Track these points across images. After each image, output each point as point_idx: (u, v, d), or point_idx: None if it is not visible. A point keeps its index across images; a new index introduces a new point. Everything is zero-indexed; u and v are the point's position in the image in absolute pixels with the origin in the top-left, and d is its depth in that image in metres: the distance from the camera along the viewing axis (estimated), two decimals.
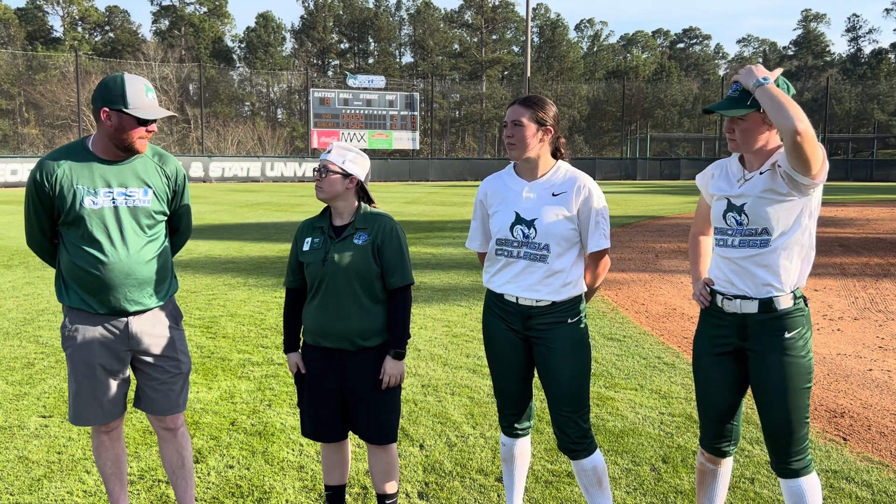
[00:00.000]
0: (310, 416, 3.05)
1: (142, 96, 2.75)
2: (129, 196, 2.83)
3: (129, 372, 2.99)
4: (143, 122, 2.78)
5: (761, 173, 2.58)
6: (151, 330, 2.93)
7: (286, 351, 3.11)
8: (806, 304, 2.67)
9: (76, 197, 2.76)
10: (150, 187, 2.88)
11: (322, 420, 3.03)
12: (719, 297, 2.72)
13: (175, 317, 3.06)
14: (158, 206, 2.91)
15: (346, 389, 2.98)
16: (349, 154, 2.97)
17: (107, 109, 2.74)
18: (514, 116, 2.86)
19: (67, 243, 2.82)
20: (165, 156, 3.00)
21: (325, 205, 3.04)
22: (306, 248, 2.99)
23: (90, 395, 2.89)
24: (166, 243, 3.01)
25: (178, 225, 3.13)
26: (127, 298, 2.84)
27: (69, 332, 2.88)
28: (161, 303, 2.96)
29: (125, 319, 2.88)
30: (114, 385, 2.92)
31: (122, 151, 2.84)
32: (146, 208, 2.86)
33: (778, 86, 2.52)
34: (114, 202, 2.80)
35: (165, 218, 2.99)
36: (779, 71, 2.55)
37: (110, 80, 2.78)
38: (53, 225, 2.86)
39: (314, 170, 2.99)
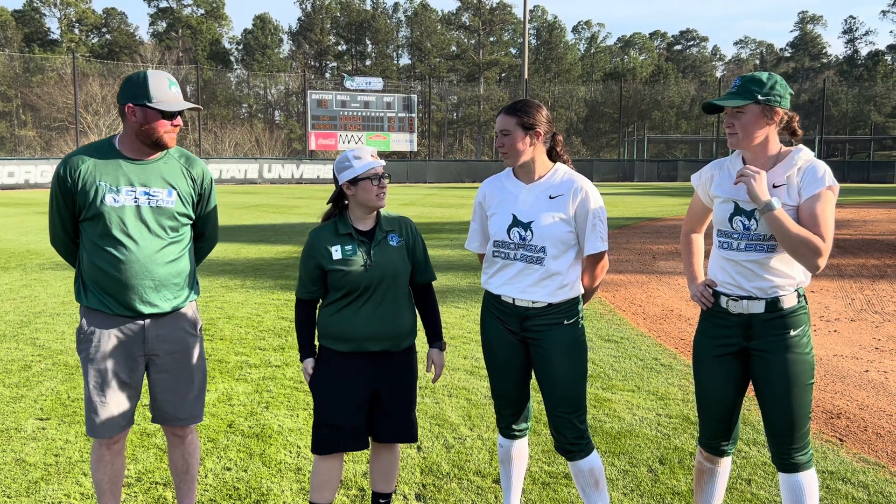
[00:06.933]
0: (334, 426, 2.91)
1: (165, 90, 2.76)
2: (152, 196, 2.81)
3: (140, 383, 2.93)
4: (168, 116, 2.77)
5: (776, 186, 2.59)
6: (168, 335, 2.88)
7: (303, 358, 3.01)
8: (806, 302, 2.70)
9: (97, 193, 2.74)
10: (174, 189, 2.85)
11: (348, 430, 2.91)
12: (724, 299, 2.73)
13: (194, 323, 3.00)
14: (182, 208, 2.88)
15: (382, 391, 2.95)
16: (376, 153, 2.99)
17: (131, 105, 2.74)
18: (502, 126, 2.88)
19: (87, 242, 2.80)
20: (192, 158, 2.98)
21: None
22: (338, 255, 2.88)
23: (102, 403, 2.83)
24: (189, 248, 2.96)
25: (204, 230, 3.09)
26: (143, 300, 2.79)
27: (84, 335, 2.83)
28: (179, 307, 2.92)
29: (141, 322, 2.84)
30: (125, 395, 2.86)
31: (150, 147, 2.82)
32: (169, 209, 2.83)
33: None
34: (136, 201, 2.78)
35: (190, 221, 2.95)
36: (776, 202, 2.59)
37: (134, 76, 2.78)
38: (76, 223, 2.84)
39: (380, 177, 2.89)
